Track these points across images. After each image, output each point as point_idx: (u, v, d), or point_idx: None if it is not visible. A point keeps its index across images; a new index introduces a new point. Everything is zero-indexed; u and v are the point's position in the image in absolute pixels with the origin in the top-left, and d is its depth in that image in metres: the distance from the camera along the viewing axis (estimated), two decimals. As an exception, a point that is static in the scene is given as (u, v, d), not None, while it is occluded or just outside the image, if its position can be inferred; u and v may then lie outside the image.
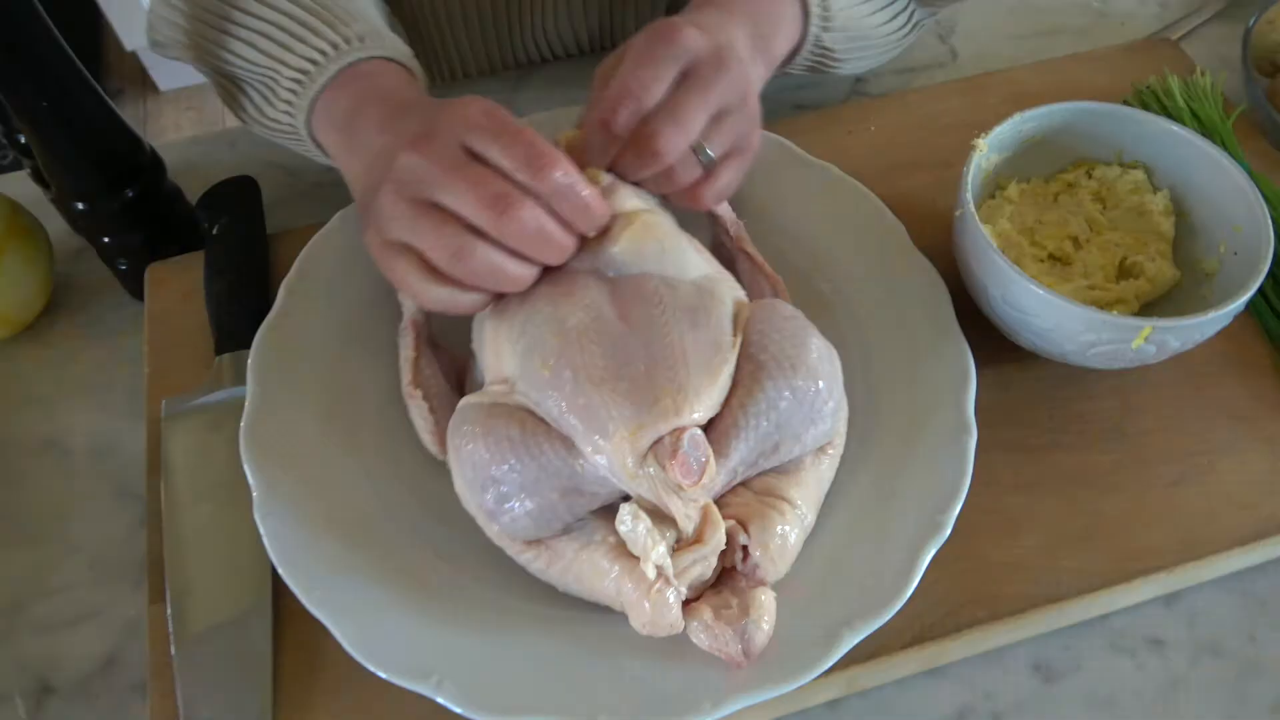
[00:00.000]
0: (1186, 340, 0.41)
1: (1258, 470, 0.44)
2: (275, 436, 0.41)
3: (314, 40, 0.44)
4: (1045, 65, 0.60)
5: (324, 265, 0.47)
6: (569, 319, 0.37)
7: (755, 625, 0.35)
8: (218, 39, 0.48)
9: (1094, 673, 0.43)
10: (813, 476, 0.39)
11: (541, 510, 0.37)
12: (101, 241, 0.52)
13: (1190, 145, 0.47)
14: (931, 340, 0.44)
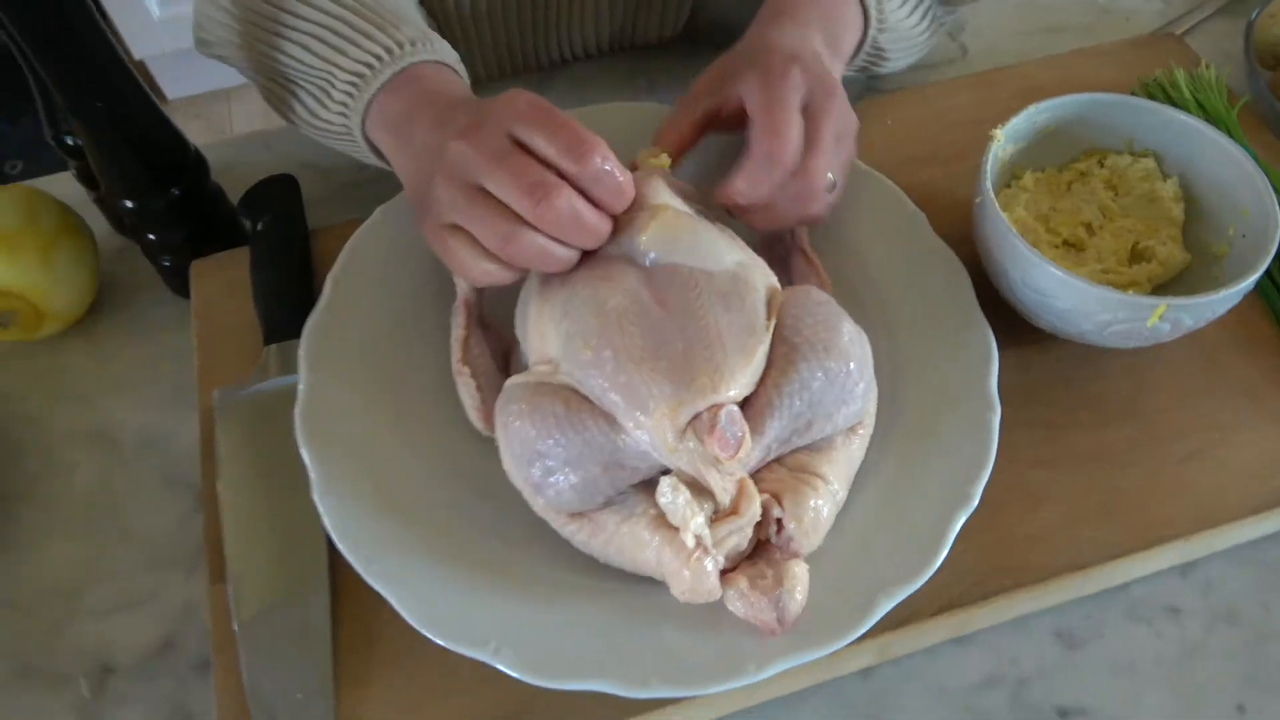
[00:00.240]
0: (1199, 318, 0.43)
1: (1268, 445, 0.46)
2: (329, 420, 0.43)
3: (369, 44, 0.46)
4: (1053, 60, 0.62)
5: (368, 257, 0.48)
6: (609, 301, 0.39)
7: (789, 595, 0.37)
8: (270, 40, 0.49)
9: (1114, 640, 0.45)
10: (844, 455, 0.41)
11: (585, 483, 0.38)
12: (147, 239, 0.54)
13: (1198, 133, 0.49)
14: (955, 323, 0.46)
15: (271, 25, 0.49)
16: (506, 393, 0.40)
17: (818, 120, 0.43)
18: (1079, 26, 0.69)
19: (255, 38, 0.50)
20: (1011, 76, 0.61)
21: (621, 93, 0.64)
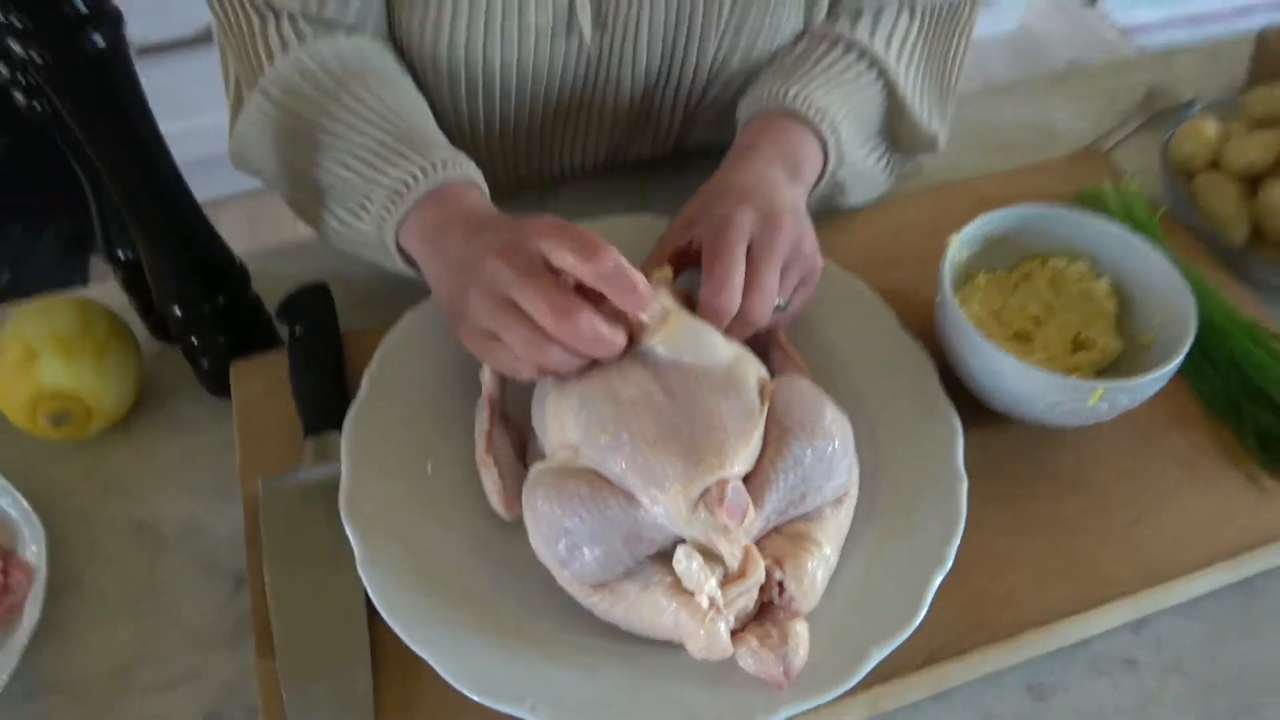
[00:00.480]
0: (1133, 398, 0.50)
1: (1202, 510, 0.52)
2: (370, 503, 0.48)
3: (405, 164, 0.53)
4: (1000, 175, 0.70)
5: (399, 357, 0.54)
6: (623, 393, 0.45)
7: (794, 651, 0.42)
8: (309, 158, 0.56)
9: (1079, 692, 0.50)
10: (833, 523, 0.46)
11: (607, 556, 0.43)
12: (189, 342, 0.59)
13: (1125, 239, 0.56)
14: (923, 407, 0.52)
15: (311, 146, 0.56)
16: (533, 478, 0.45)
17: (759, 260, 0.49)
18: (1021, 145, 0.78)
19: (293, 156, 0.56)
20: (964, 189, 0.69)
21: (617, 206, 0.71)
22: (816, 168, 0.59)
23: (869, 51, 0.61)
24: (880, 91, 0.63)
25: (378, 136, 0.54)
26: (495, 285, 0.45)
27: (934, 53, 0.65)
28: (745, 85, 0.64)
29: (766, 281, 0.48)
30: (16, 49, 0.44)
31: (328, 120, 0.55)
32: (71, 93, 0.46)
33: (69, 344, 0.56)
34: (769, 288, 0.48)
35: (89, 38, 0.44)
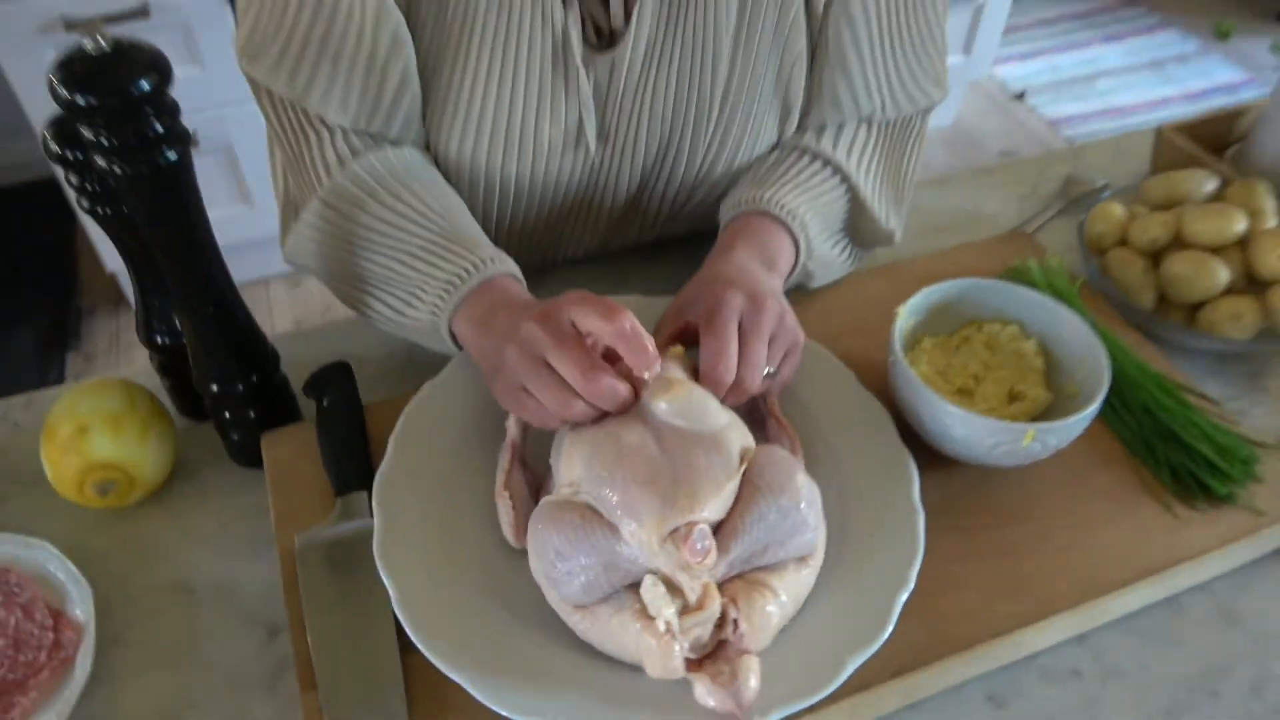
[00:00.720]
0: (1060, 438, 0.58)
1: (1125, 534, 0.60)
2: (400, 550, 0.54)
3: (457, 261, 0.61)
4: (940, 254, 0.80)
5: (420, 422, 0.61)
6: (625, 440, 0.52)
7: (744, 685, 0.46)
8: (364, 256, 0.64)
9: (1032, 699, 0.57)
10: (793, 577, 0.52)
11: (590, 579, 0.49)
12: (223, 416, 0.65)
13: (1049, 307, 0.65)
14: (883, 452, 0.60)
15: (366, 244, 0.64)
16: (538, 509, 0.52)
17: (749, 335, 0.57)
18: (957, 228, 0.88)
19: (347, 254, 0.64)
20: (910, 267, 0.78)
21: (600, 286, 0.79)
22: (790, 260, 0.68)
23: (833, 160, 0.71)
24: (844, 195, 0.72)
25: (428, 235, 0.62)
26: (532, 347, 0.53)
27: (890, 160, 0.75)
28: (726, 188, 0.74)
29: (756, 353, 0.56)
30: (101, 162, 0.52)
31: (381, 222, 0.64)
32: (145, 200, 0.54)
33: (116, 420, 0.62)
34: (759, 358, 0.56)
35: (164, 154, 0.52)
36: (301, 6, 0.60)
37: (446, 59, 0.64)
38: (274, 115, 0.66)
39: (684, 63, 0.67)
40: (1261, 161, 0.88)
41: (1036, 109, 2.82)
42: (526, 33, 0.63)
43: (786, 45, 0.69)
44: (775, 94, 0.71)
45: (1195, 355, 0.75)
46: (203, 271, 0.58)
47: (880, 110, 0.72)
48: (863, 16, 0.67)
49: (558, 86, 0.65)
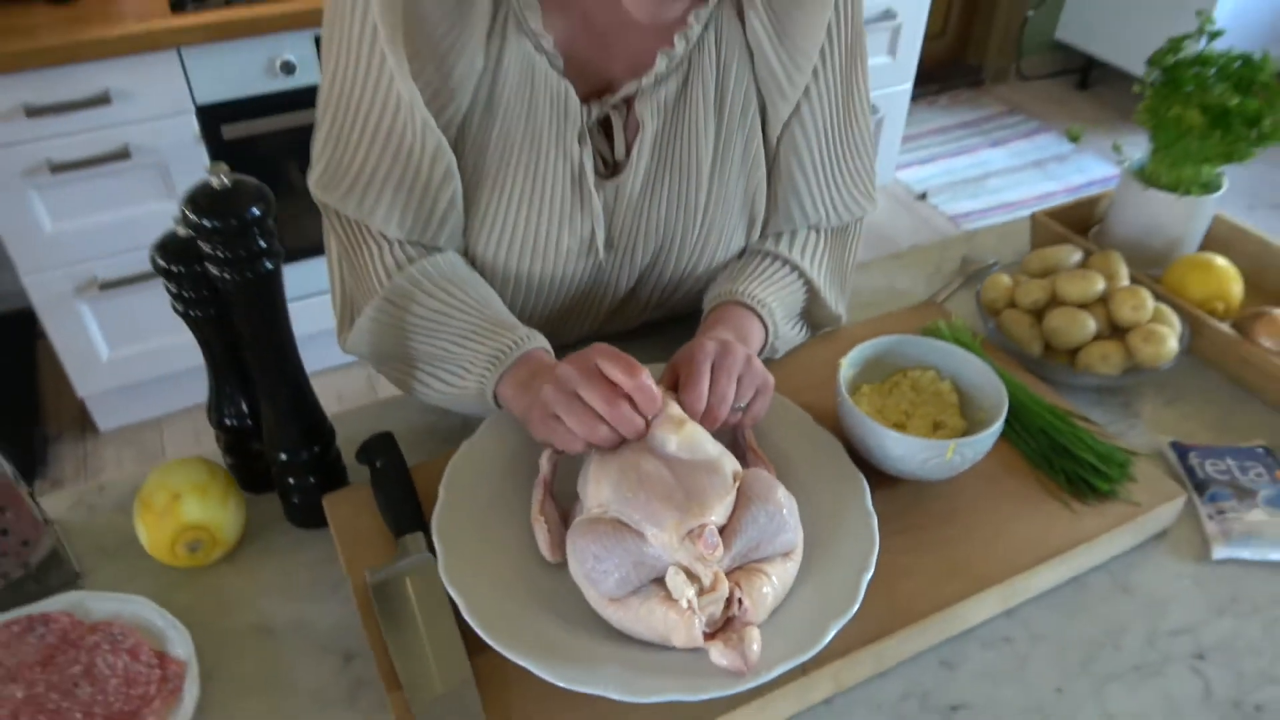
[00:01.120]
0: (975, 451, 0.74)
1: (1033, 526, 0.75)
2: (461, 570, 0.66)
3: (501, 339, 0.75)
4: (869, 322, 0.97)
5: (464, 471, 0.74)
6: (643, 468, 0.66)
7: (749, 648, 0.60)
8: (418, 341, 0.78)
9: (975, 662, 0.71)
10: (781, 568, 0.66)
11: (622, 576, 0.63)
12: (287, 482, 0.77)
13: (959, 354, 0.82)
14: (839, 472, 0.75)
15: (420, 331, 0.78)
16: (575, 525, 0.65)
17: (718, 376, 0.71)
18: (880, 303, 1.06)
19: (402, 341, 0.78)
20: (847, 334, 0.95)
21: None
22: (760, 340, 0.85)
23: (790, 260, 0.89)
24: (801, 287, 0.90)
25: (472, 321, 0.77)
26: (565, 384, 0.67)
27: (835, 258, 0.93)
28: (706, 283, 0.91)
29: (723, 386, 0.71)
30: (214, 271, 0.65)
31: (433, 313, 0.78)
32: (246, 300, 0.67)
33: (203, 489, 0.73)
34: (726, 391, 0.71)
35: (264, 264, 0.66)
36: (372, 145, 0.76)
37: (486, 184, 0.80)
38: (341, 231, 0.81)
39: (673, 187, 0.84)
40: (1115, 237, 1.08)
41: (938, 207, 3.12)
42: (551, 164, 0.80)
43: (751, 172, 0.87)
44: (743, 210, 0.88)
45: (1078, 390, 0.93)
46: (283, 358, 0.71)
47: (825, 220, 0.91)
48: (806, 149, 0.86)
49: (575, 206, 0.82)
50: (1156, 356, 0.90)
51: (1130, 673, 0.70)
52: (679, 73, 0.81)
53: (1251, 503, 0.81)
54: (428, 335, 0.78)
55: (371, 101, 0.75)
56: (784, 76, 0.82)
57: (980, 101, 3.79)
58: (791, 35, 0.80)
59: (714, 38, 0.81)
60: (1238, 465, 0.84)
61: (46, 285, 1.94)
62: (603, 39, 0.79)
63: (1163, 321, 0.92)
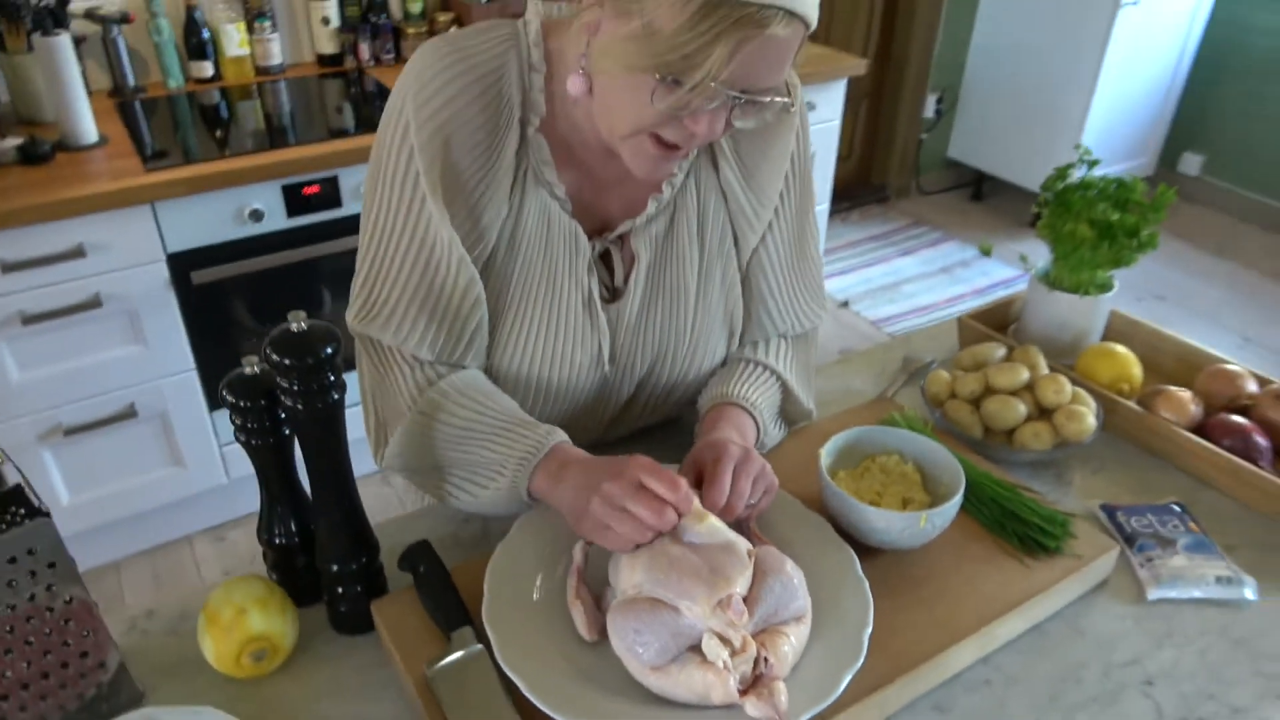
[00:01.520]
0: (943, 519, 0.86)
1: (996, 581, 0.87)
2: (515, 656, 0.75)
3: (527, 440, 0.85)
4: (834, 418, 1.10)
5: (503, 569, 0.83)
6: (671, 553, 0.76)
7: (779, 699, 0.70)
8: (453, 449, 0.87)
9: (962, 704, 0.81)
10: (796, 630, 0.77)
11: (662, 645, 0.72)
12: (335, 591, 0.85)
13: (918, 440, 0.96)
14: (829, 548, 0.86)
15: (452, 441, 0.87)
16: (614, 607, 0.75)
17: (739, 477, 0.83)
18: (840, 401, 1.20)
19: (434, 453, 0.87)
20: (816, 429, 1.08)
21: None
22: (753, 436, 0.98)
23: (768, 365, 1.03)
24: (779, 387, 1.03)
25: (498, 424, 0.87)
26: (613, 498, 0.76)
27: (801, 360, 1.07)
28: (695, 389, 1.04)
29: (742, 487, 0.83)
30: (288, 402, 0.75)
31: (464, 421, 0.88)
32: (313, 427, 0.77)
33: (264, 602, 0.81)
34: (744, 491, 0.83)
35: (330, 395, 0.76)
36: (409, 280, 0.88)
37: (511, 308, 0.92)
38: (375, 359, 0.91)
39: (665, 308, 0.97)
40: (1030, 333, 1.25)
41: (860, 313, 3.34)
42: (566, 291, 0.93)
43: (729, 293, 1.01)
44: (724, 325, 1.02)
45: (1017, 465, 1.07)
46: (340, 478, 0.80)
47: (791, 329, 1.05)
48: (772, 271, 1.01)
49: (586, 325, 0.94)
50: (1079, 432, 1.05)
51: (1091, 703, 0.81)
52: (666, 212, 0.95)
53: (1173, 550, 0.94)
54: (458, 443, 0.88)
55: (409, 243, 0.87)
56: (752, 213, 0.98)
57: (888, 216, 4.11)
58: (758, 180, 0.96)
59: (694, 183, 0.96)
60: (1158, 520, 0.99)
61: (9, 433, 1.96)
62: (604, 187, 0.93)
63: (1081, 403, 1.08)
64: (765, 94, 0.78)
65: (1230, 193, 4.09)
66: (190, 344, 2.07)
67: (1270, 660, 0.86)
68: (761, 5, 0.71)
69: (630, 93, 0.78)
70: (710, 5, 0.70)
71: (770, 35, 0.72)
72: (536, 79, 0.88)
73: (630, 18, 0.74)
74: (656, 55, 0.74)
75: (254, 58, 2.46)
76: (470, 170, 0.86)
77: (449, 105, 0.85)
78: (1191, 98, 4.01)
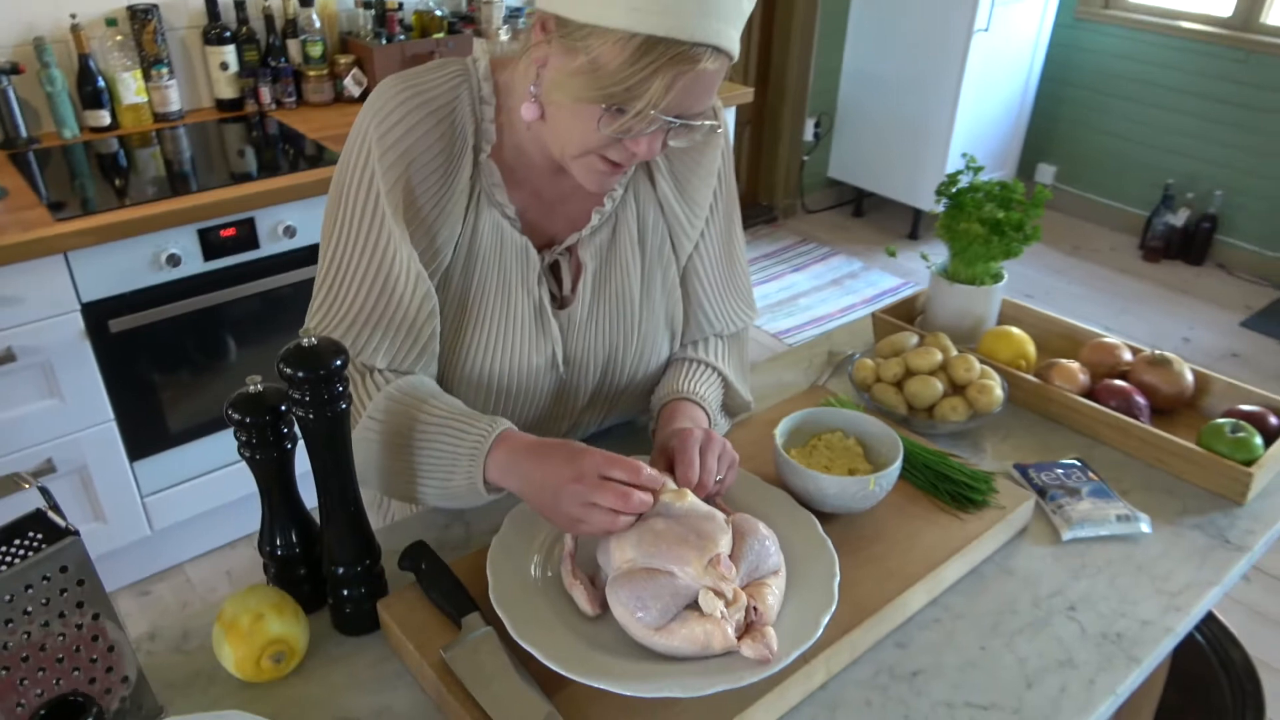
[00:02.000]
0: (888, 482, 0.98)
1: (936, 533, 0.99)
2: (526, 631, 0.81)
3: (473, 432, 0.91)
4: (774, 407, 1.21)
5: (501, 558, 0.89)
6: (656, 526, 0.85)
7: (770, 641, 0.80)
8: (404, 451, 0.93)
9: (919, 639, 0.92)
10: (775, 582, 0.86)
11: (663, 606, 0.80)
12: (340, 594, 0.89)
13: (857, 417, 1.07)
14: (791, 514, 0.96)
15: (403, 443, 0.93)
16: (613, 580, 0.83)
17: (706, 457, 0.92)
18: (775, 393, 1.31)
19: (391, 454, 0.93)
20: (761, 418, 1.19)
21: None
22: (706, 425, 1.06)
23: (709, 362, 1.13)
24: (720, 382, 1.13)
25: (447, 421, 0.93)
26: (580, 496, 0.83)
27: (736, 356, 1.17)
28: (643, 388, 1.13)
29: (710, 465, 0.92)
30: (299, 413, 0.80)
31: (412, 423, 0.93)
32: (321, 435, 0.82)
33: (278, 607, 0.85)
34: (712, 468, 0.92)
35: (338, 405, 0.81)
36: (369, 293, 0.94)
37: (470, 319, 1.00)
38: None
39: (612, 312, 1.06)
40: (936, 322, 1.40)
41: (762, 327, 3.51)
42: (519, 300, 1.01)
43: (669, 296, 1.10)
44: (666, 327, 1.12)
45: (939, 436, 1.20)
46: (345, 485, 0.86)
47: (726, 328, 1.16)
48: (705, 275, 1.12)
49: (538, 331, 1.02)
50: (990, 404, 1.19)
51: (1027, 628, 0.94)
52: (609, 224, 1.05)
53: (1079, 497, 1.09)
54: (409, 445, 0.93)
55: (369, 260, 0.94)
56: (687, 222, 1.08)
57: (777, 235, 4.32)
58: (690, 192, 1.07)
59: (633, 197, 1.06)
60: (1063, 473, 1.13)
61: (-82, 500, 1.88)
62: (550, 204, 1.02)
63: (988, 378, 1.22)
64: (696, 118, 0.88)
65: (1081, 198, 4.48)
66: (109, 394, 2.03)
67: (1165, 580, 1.00)
68: (693, 44, 0.81)
69: (579, 120, 0.87)
70: (648, 44, 0.80)
71: (701, 69, 0.82)
72: (487, 110, 0.96)
73: (577, 54, 0.83)
74: (602, 88, 0.83)
75: (152, 105, 2.44)
76: (427, 193, 0.94)
77: (409, 134, 0.93)
78: (1041, 113, 4.39)
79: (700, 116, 0.88)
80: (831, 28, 4.11)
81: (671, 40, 0.79)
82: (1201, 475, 1.14)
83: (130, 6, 2.34)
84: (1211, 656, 1.29)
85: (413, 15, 2.75)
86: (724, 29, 0.81)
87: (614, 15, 0.79)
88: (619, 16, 0.79)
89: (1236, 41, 3.80)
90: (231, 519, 2.41)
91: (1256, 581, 2.39)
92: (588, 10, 0.81)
